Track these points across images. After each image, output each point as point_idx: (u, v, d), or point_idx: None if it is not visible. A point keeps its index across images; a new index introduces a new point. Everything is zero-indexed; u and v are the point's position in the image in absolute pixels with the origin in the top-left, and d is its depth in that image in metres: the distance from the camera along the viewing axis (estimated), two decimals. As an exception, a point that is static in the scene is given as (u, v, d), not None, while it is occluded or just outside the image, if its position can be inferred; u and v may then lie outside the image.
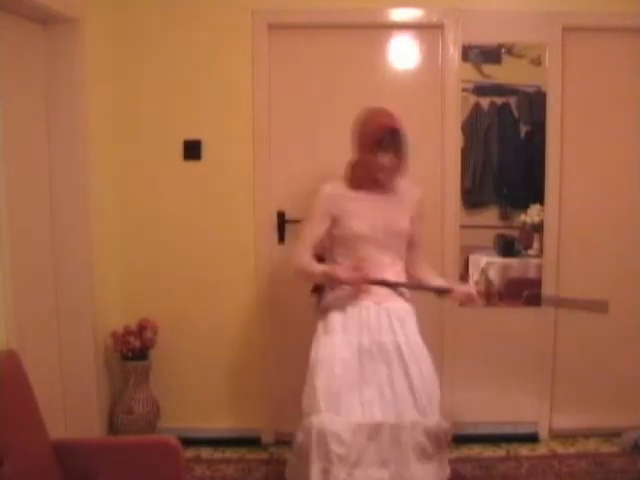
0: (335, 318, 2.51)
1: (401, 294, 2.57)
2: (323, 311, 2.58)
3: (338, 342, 2.45)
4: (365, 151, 2.50)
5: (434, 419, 2.37)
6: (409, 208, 2.61)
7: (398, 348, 2.43)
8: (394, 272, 2.57)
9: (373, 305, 2.50)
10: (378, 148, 2.45)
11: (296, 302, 3.22)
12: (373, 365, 2.42)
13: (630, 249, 3.34)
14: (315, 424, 2.30)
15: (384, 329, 2.47)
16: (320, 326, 2.55)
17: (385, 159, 2.46)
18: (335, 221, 2.55)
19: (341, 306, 2.52)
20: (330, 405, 2.33)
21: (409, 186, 2.65)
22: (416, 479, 2.34)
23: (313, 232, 2.56)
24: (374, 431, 2.33)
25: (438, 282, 2.63)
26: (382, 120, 2.49)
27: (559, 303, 3.22)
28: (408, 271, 2.65)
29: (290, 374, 2.77)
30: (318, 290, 2.66)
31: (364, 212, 2.54)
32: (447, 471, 2.46)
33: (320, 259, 2.61)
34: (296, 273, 2.60)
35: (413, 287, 2.61)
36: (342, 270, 2.46)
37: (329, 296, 2.57)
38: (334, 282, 2.51)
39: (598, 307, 2.63)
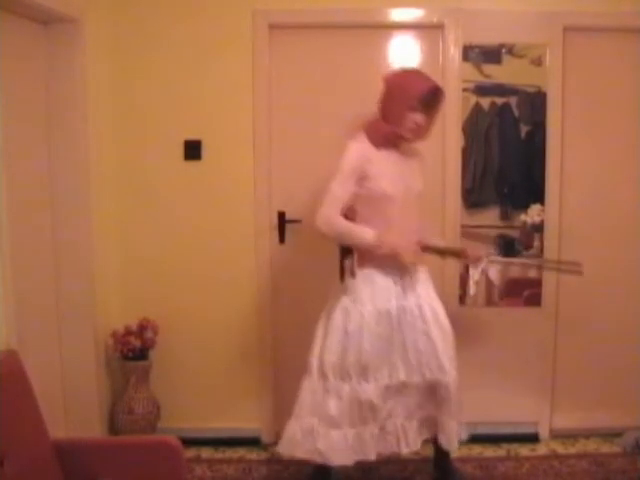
0: (362, 286, 2.56)
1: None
2: (352, 276, 2.58)
3: (367, 313, 2.53)
4: (404, 109, 2.52)
5: (453, 376, 2.59)
6: (420, 169, 2.70)
7: (421, 310, 2.60)
8: (415, 232, 2.63)
9: (398, 270, 2.57)
10: (421, 105, 2.52)
11: (296, 302, 3.23)
12: (399, 330, 2.57)
13: (630, 249, 3.34)
14: (347, 392, 2.50)
15: (408, 293, 2.59)
16: (348, 292, 2.57)
17: (422, 119, 2.53)
18: (361, 180, 2.52)
19: (367, 273, 2.57)
20: (360, 374, 2.52)
21: (413, 147, 2.71)
22: (444, 426, 2.62)
23: (341, 191, 2.49)
24: (401, 389, 2.58)
25: (436, 241, 2.76)
26: (429, 80, 2.55)
27: (537, 266, 3.28)
28: None
29: (290, 374, 2.76)
30: (347, 254, 2.61)
31: (389, 172, 2.56)
32: (463, 435, 2.73)
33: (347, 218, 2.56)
34: (328, 232, 2.50)
35: (447, 253, 2.81)
36: (394, 237, 2.51)
37: (359, 261, 2.57)
38: (388, 250, 2.50)
39: (573, 268, 2.77)
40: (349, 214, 2.56)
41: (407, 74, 2.63)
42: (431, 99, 2.53)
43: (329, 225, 2.48)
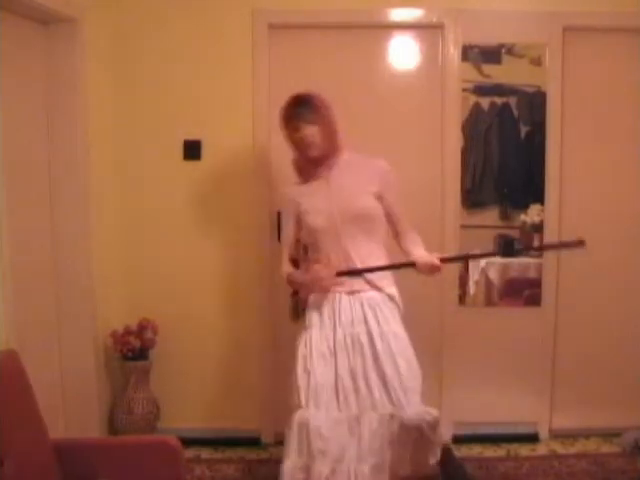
0: (312, 314, 2.51)
1: (370, 282, 2.49)
2: (295, 317, 2.60)
3: (315, 337, 2.46)
4: (288, 133, 2.48)
5: (412, 410, 2.32)
6: (369, 183, 2.49)
7: (371, 339, 2.41)
8: (366, 251, 2.49)
9: (345, 296, 2.48)
10: (294, 121, 2.44)
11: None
12: (348, 358, 2.42)
13: (630, 249, 3.34)
14: (296, 419, 2.33)
15: (357, 320, 2.45)
16: (301, 324, 2.55)
17: (305, 131, 2.43)
18: (298, 221, 2.57)
19: (318, 301, 2.51)
20: (310, 400, 2.35)
21: (366, 161, 2.54)
22: (396, 469, 2.35)
23: (285, 237, 2.63)
24: (353, 424, 2.35)
25: (416, 253, 2.50)
26: (291, 96, 2.49)
27: (535, 249, 3.25)
28: (398, 244, 2.60)
29: (290, 374, 2.76)
30: (296, 293, 2.63)
31: (318, 204, 2.49)
32: (433, 459, 2.41)
33: (295, 263, 2.63)
34: (284, 281, 2.63)
35: (377, 269, 2.49)
36: (299, 274, 2.52)
37: (308, 295, 2.55)
38: (296, 287, 2.55)
39: (575, 244, 2.62)
40: (301, 255, 2.64)
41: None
42: (299, 109, 2.43)
43: (280, 272, 2.63)
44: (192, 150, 3.23)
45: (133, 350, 3.13)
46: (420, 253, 2.51)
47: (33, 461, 1.97)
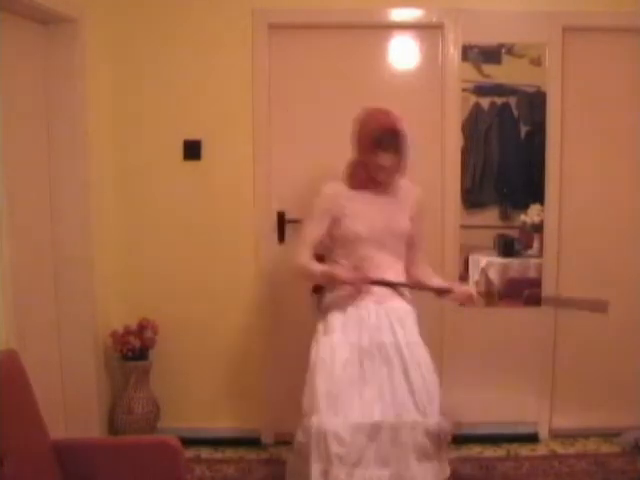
0: (335, 318, 2.50)
1: (402, 294, 2.57)
2: (323, 311, 2.57)
3: (337, 342, 2.45)
4: (365, 151, 2.50)
5: (434, 419, 2.36)
6: (409, 208, 2.61)
7: (398, 349, 2.42)
8: (394, 272, 2.57)
9: (373, 305, 2.50)
10: (378, 148, 2.45)
11: (296, 302, 3.22)
12: (373, 365, 2.41)
13: (630, 249, 3.34)
14: (315, 424, 2.31)
15: (384, 329, 2.46)
16: (320, 327, 2.54)
17: (385, 159, 2.46)
18: (335, 221, 2.55)
19: (341, 306, 2.51)
20: (330, 405, 2.34)
21: (408, 186, 2.65)
22: (416, 479, 2.34)
23: (313, 232, 2.56)
24: (374, 431, 2.33)
25: (437, 282, 2.62)
26: (382, 120, 2.49)
27: (559, 303, 3.22)
28: (408, 271, 2.64)
29: (290, 374, 2.77)
30: (318, 290, 2.65)
31: (363, 212, 2.53)
32: (447, 472, 2.45)
33: (320, 259, 2.60)
34: (296, 272, 2.60)
35: (413, 286, 2.60)
36: (342, 270, 2.46)
37: (329, 296, 2.57)
38: (334, 282, 2.50)
39: (598, 307, 2.60)
40: (326, 254, 2.62)
41: (366, 115, 2.54)
42: (389, 139, 2.45)
43: (293, 262, 2.56)
44: (192, 150, 3.23)
45: (133, 350, 3.13)
46: (444, 282, 2.62)
47: (33, 461, 1.97)
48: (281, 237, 3.28)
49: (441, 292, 2.58)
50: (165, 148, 3.24)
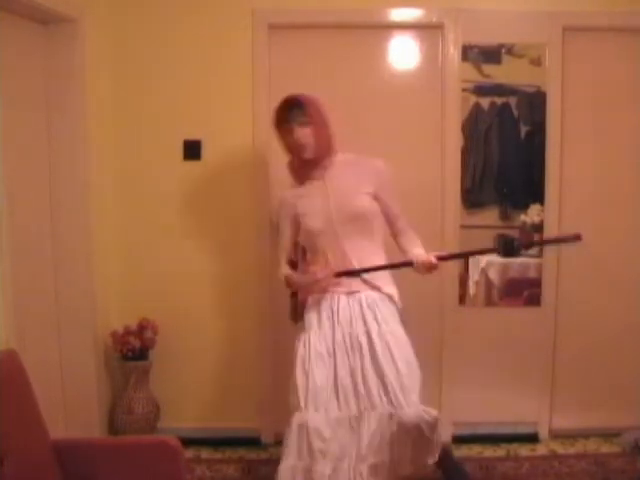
0: (311, 315, 2.53)
1: (367, 282, 2.51)
2: (295, 318, 2.61)
3: (314, 338, 2.47)
4: (281, 136, 2.51)
5: (411, 410, 2.33)
6: (364, 184, 2.51)
7: (369, 339, 2.42)
8: (365, 255, 2.51)
9: (344, 296, 2.50)
10: (286, 124, 2.46)
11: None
12: (347, 358, 2.43)
13: (630, 249, 3.34)
14: (296, 421, 2.34)
15: (355, 319, 2.46)
16: (300, 325, 2.56)
17: (298, 132, 2.45)
18: (297, 224, 2.59)
19: (315, 302, 2.53)
20: (309, 402, 2.36)
21: (362, 161, 2.56)
22: (396, 469, 2.36)
23: (283, 241, 2.65)
24: (353, 424, 2.36)
25: (415, 252, 2.51)
26: (284, 98, 2.50)
27: (534, 245, 3.24)
28: (396, 242, 2.62)
29: (289, 374, 2.76)
30: (295, 294, 2.65)
31: (314, 206, 2.52)
32: (431, 459, 2.41)
33: (294, 265, 2.65)
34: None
35: (374, 269, 2.51)
36: (298, 275, 2.54)
37: (307, 296, 2.57)
38: (295, 289, 2.57)
39: (571, 238, 2.61)
40: (302, 256, 2.66)
41: None
42: (291, 111, 2.45)
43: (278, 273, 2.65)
44: (192, 150, 3.23)
45: (133, 350, 3.13)
46: (417, 252, 2.52)
47: (33, 461, 1.97)
48: (281, 237, 3.28)
49: (404, 266, 2.51)
50: (165, 148, 3.24)
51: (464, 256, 3.19)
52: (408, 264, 2.50)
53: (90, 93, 2.96)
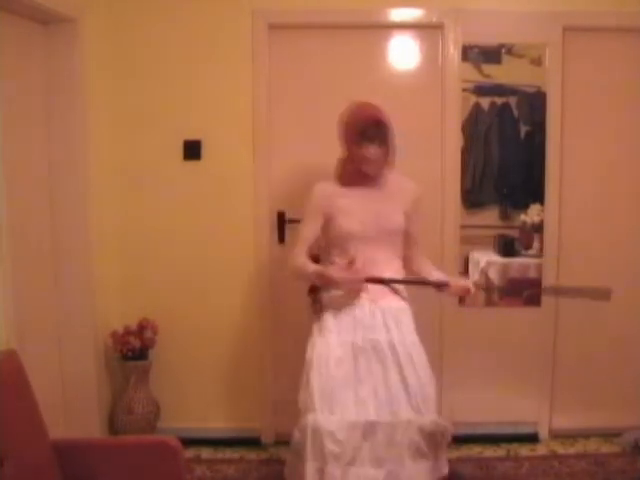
0: (329, 319, 2.50)
1: (397, 292, 2.56)
2: (318, 312, 2.57)
3: (332, 342, 2.45)
4: (351, 144, 2.51)
5: (429, 418, 2.36)
6: (403, 203, 2.60)
7: (392, 347, 2.42)
8: (390, 268, 2.56)
9: (368, 303, 2.49)
10: (362, 139, 2.46)
11: (296, 302, 3.22)
12: (367, 363, 2.41)
13: (631, 249, 3.34)
14: (310, 423, 2.31)
15: (378, 327, 2.46)
16: (315, 327, 2.54)
17: (370, 150, 2.47)
18: (328, 220, 2.55)
19: (335, 306, 2.51)
20: (325, 404, 2.34)
21: (404, 182, 2.65)
22: (411, 478, 2.34)
23: (307, 232, 2.57)
24: (369, 429, 2.34)
25: (436, 276, 2.62)
26: (365, 112, 2.50)
27: (560, 292, 3.18)
28: (407, 268, 2.64)
29: (289, 374, 2.76)
30: (314, 291, 2.64)
31: (355, 209, 2.53)
32: (445, 470, 2.44)
33: (316, 260, 2.61)
34: (292, 274, 2.60)
35: (409, 283, 2.59)
36: (335, 270, 2.45)
37: (325, 296, 2.56)
38: (327, 283, 2.50)
39: (600, 295, 2.58)
40: (321, 254, 2.63)
41: (351, 109, 2.56)
42: (372, 130, 2.46)
43: (289, 263, 2.57)
44: (192, 150, 3.23)
45: (133, 350, 3.13)
46: (444, 275, 2.63)
47: (33, 461, 1.97)
48: (281, 237, 3.28)
49: (439, 286, 2.57)
50: (165, 148, 3.24)
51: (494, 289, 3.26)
52: (443, 284, 2.56)
53: (90, 93, 2.96)
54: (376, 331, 2.45)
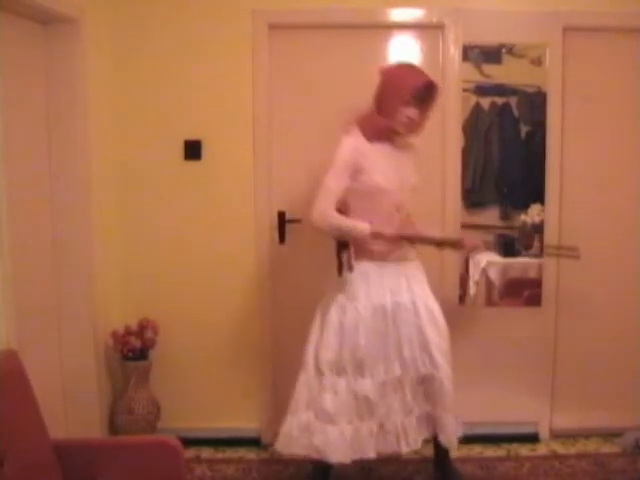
0: (358, 283, 2.58)
1: (415, 247, 2.70)
2: (351, 269, 2.58)
3: (362, 309, 2.56)
4: (398, 103, 2.53)
5: (446, 371, 2.61)
6: (414, 162, 2.71)
7: (415, 307, 2.61)
8: (406, 224, 2.66)
9: (393, 266, 2.61)
10: (413, 100, 2.53)
11: (296, 302, 3.22)
12: (393, 326, 2.59)
13: (631, 249, 3.34)
14: (343, 387, 2.51)
15: (403, 289, 2.61)
16: (345, 289, 2.59)
17: (416, 113, 2.54)
18: (355, 174, 2.55)
19: (364, 269, 2.58)
20: (356, 370, 2.54)
21: (408, 141, 2.72)
22: (441, 423, 2.62)
23: (335, 186, 2.54)
24: (397, 385, 2.59)
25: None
26: (422, 75, 2.58)
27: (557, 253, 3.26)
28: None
29: (290, 374, 2.76)
30: (344, 248, 2.60)
31: (383, 165, 2.58)
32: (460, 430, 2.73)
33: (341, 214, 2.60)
34: (325, 227, 2.55)
35: (430, 240, 2.69)
36: (386, 228, 2.55)
37: (356, 255, 2.58)
38: (380, 239, 2.55)
39: (571, 253, 2.82)
40: (342, 208, 2.60)
41: (402, 68, 2.65)
42: (425, 94, 2.54)
43: (324, 219, 2.53)
44: (192, 150, 3.23)
45: (133, 350, 3.13)
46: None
47: (33, 461, 1.97)
48: (281, 237, 3.28)
49: (455, 244, 2.76)
50: (165, 148, 3.24)
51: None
52: (458, 240, 2.78)
53: (90, 93, 2.95)
54: (401, 293, 2.61)
